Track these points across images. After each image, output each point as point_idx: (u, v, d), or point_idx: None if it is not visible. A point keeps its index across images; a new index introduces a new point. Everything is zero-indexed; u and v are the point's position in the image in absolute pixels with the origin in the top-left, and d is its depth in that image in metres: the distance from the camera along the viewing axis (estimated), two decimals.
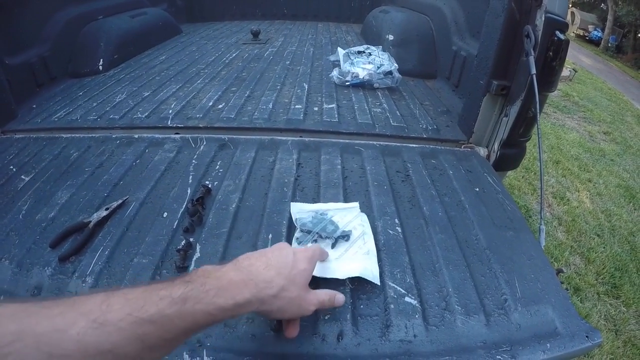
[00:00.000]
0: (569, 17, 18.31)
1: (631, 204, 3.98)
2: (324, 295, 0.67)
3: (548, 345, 0.72)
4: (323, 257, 0.78)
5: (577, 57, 12.65)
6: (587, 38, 17.79)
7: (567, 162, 4.56)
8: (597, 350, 2.28)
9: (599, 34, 17.30)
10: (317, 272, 0.79)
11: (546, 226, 3.33)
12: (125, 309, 0.44)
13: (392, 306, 0.77)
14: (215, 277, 0.54)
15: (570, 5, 20.00)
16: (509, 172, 3.88)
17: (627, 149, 5.44)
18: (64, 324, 0.39)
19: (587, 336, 0.74)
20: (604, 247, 3.23)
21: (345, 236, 0.90)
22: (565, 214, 3.59)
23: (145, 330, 0.44)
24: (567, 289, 0.90)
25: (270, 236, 0.93)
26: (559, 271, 0.93)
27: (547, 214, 3.56)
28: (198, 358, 0.66)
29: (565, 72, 8.43)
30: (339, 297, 0.70)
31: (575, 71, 8.69)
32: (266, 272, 0.59)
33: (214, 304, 0.50)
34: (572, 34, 18.44)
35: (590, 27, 17.95)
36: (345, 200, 1.07)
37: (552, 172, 4.29)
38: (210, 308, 0.50)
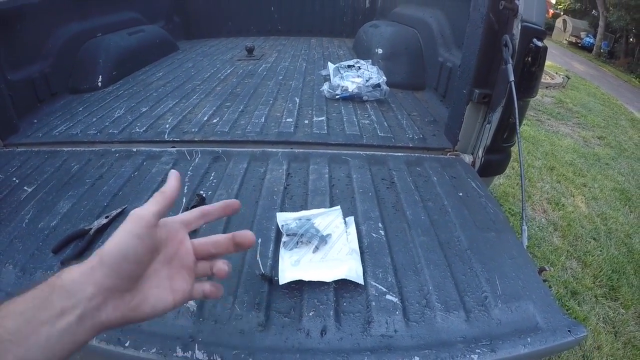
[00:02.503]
0: (561, 25, 18.47)
1: (627, 207, 4.00)
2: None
3: (529, 339, 0.75)
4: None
5: (570, 64, 12.71)
6: (580, 45, 17.90)
7: (561, 167, 4.58)
8: (596, 353, 2.28)
9: (591, 40, 17.42)
10: (304, 277, 0.84)
11: (542, 232, 3.38)
12: None
13: (373, 303, 0.81)
14: None
15: (562, 13, 20.16)
16: (503, 180, 3.92)
17: (622, 152, 5.46)
18: None
19: (569, 330, 0.77)
20: (600, 250, 3.24)
21: (327, 237, 0.96)
22: (560, 219, 3.60)
23: None
24: (550, 287, 0.93)
25: (259, 240, 0.98)
26: (542, 269, 0.96)
27: (543, 219, 3.58)
28: (190, 352, 0.71)
29: (558, 79, 8.51)
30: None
31: (568, 78, 8.75)
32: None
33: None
34: (564, 42, 18.56)
35: (582, 34, 18.07)
36: (331, 207, 1.12)
37: (547, 178, 4.30)
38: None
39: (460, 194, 1.20)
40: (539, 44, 1.23)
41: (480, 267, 0.92)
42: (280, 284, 0.84)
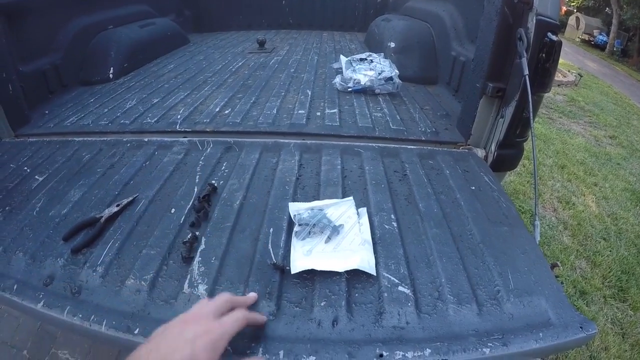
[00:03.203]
0: (574, 22, 18.26)
1: (638, 207, 3.96)
2: None
3: (541, 334, 0.74)
4: (243, 325, 0.68)
5: (583, 62, 12.61)
6: (593, 43, 17.72)
7: (572, 166, 4.55)
8: (604, 354, 2.27)
9: (604, 39, 17.23)
10: (316, 266, 0.84)
11: (552, 230, 3.35)
12: None
13: (385, 295, 0.81)
14: None
15: (575, 10, 19.94)
16: (514, 178, 3.90)
17: (634, 152, 5.41)
18: None
19: (581, 327, 0.76)
20: (610, 251, 3.22)
21: (340, 228, 0.95)
22: (571, 218, 3.58)
23: None
24: (562, 283, 0.92)
25: (271, 230, 0.98)
26: (554, 265, 0.95)
27: (553, 218, 3.56)
28: None
29: (570, 77, 8.43)
30: None
31: (581, 76, 8.68)
32: None
33: None
34: (577, 39, 18.38)
35: (596, 32, 17.89)
36: (344, 198, 1.11)
37: (558, 176, 4.28)
38: None
39: (473, 188, 1.19)
40: (554, 38, 1.21)
41: (492, 260, 0.91)
42: (292, 273, 0.84)
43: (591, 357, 2.25)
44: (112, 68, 2.26)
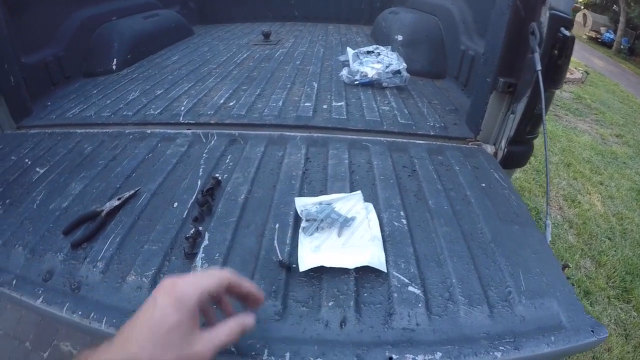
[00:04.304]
0: (580, 19, 18.13)
1: None
2: (223, 332, 0.56)
3: (552, 338, 0.72)
4: (210, 284, 0.58)
5: (589, 59, 12.51)
6: (599, 40, 17.57)
7: (578, 164, 4.52)
8: (607, 355, 2.26)
9: (611, 36, 17.07)
10: (326, 262, 0.81)
11: (557, 229, 3.33)
12: None
13: (395, 295, 0.78)
14: None
15: (582, 7, 19.76)
16: (519, 175, 3.87)
17: None
18: None
19: (592, 331, 0.74)
20: (615, 251, 3.20)
21: (349, 222, 0.92)
22: (576, 216, 3.56)
23: None
24: (573, 284, 0.90)
25: (277, 225, 0.96)
26: (565, 266, 0.93)
27: (558, 216, 3.53)
28: None
29: (577, 74, 8.36)
30: (248, 322, 0.60)
31: (588, 73, 8.61)
32: (129, 346, 0.48)
33: None
34: (584, 36, 18.24)
35: (603, 29, 17.73)
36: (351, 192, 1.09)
37: (564, 174, 4.25)
38: None
39: (483, 185, 1.17)
40: (567, 33, 1.17)
41: (504, 260, 0.89)
42: (300, 270, 0.81)
43: (594, 358, 2.23)
44: (115, 59, 2.24)
